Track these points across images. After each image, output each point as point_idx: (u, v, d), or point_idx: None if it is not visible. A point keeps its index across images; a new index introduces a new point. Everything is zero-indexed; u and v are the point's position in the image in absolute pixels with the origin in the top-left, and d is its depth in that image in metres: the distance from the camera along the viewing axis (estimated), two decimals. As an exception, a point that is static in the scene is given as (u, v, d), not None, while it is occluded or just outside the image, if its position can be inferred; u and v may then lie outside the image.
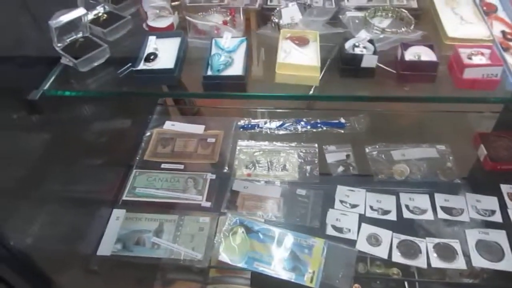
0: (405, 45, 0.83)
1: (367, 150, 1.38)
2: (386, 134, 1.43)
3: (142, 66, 0.86)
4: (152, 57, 0.87)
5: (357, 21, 0.99)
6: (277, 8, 1.02)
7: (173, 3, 1.07)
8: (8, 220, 0.87)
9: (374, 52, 0.82)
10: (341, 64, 0.83)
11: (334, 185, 1.29)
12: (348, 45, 0.84)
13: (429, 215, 1.19)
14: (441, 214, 1.18)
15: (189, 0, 1.12)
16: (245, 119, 1.52)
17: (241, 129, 1.49)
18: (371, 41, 0.85)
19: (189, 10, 1.09)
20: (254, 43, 0.96)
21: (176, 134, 1.48)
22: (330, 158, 1.36)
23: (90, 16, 1.00)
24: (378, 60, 0.82)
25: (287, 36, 0.90)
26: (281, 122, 1.48)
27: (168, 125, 1.51)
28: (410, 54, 0.82)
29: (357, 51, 0.82)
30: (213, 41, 0.91)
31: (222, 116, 1.58)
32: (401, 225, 1.17)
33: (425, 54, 0.81)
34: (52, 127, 1.03)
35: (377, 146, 1.38)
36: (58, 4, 0.96)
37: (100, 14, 1.01)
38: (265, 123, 1.49)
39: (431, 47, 0.82)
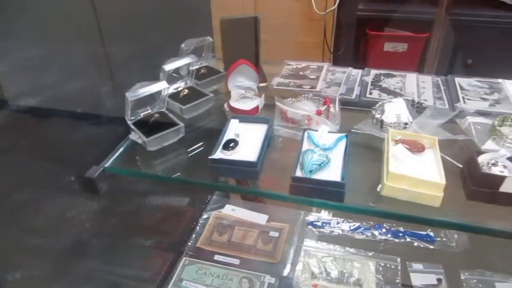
0: (561, 171, 0.63)
1: (462, 276, 1.12)
2: (487, 258, 1.17)
3: (219, 154, 0.72)
4: (232, 144, 0.74)
5: (479, 127, 0.81)
6: (380, 102, 0.88)
7: (260, 85, 0.97)
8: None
9: (519, 175, 0.63)
10: (471, 184, 0.64)
11: (421, 317, 1.03)
12: (481, 161, 0.66)
13: None
14: None
15: (276, 83, 1.02)
16: (314, 214, 1.33)
17: (309, 226, 1.29)
18: (511, 159, 0.66)
19: (276, 94, 0.98)
20: (351, 140, 0.81)
21: (236, 221, 1.32)
22: (417, 280, 1.11)
23: (170, 90, 0.92)
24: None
25: (397, 138, 0.74)
26: (356, 225, 1.27)
27: (228, 210, 1.36)
28: None
29: (495, 170, 0.64)
30: (306, 133, 0.76)
31: (287, 206, 1.41)
32: None
33: None
34: (100, 198, 0.92)
35: (476, 273, 1.12)
36: (143, 75, 0.90)
37: (180, 89, 0.92)
38: (338, 222, 1.29)
39: None
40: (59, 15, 0.81)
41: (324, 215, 1.32)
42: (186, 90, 0.92)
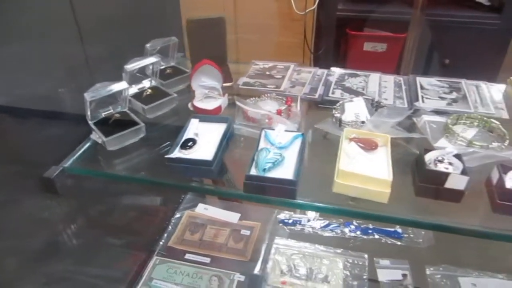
0: (504, 167, 0.65)
1: (428, 271, 1.15)
2: (452, 254, 1.20)
3: (176, 153, 0.73)
4: (190, 143, 0.75)
5: (434, 126, 0.84)
6: (340, 102, 0.89)
7: (224, 84, 0.98)
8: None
9: (464, 171, 0.65)
10: (418, 181, 0.66)
11: (386, 312, 1.05)
12: (428, 158, 0.68)
13: None
14: None
15: (242, 83, 1.03)
16: (287, 212, 1.35)
17: (281, 224, 1.31)
18: (458, 156, 0.68)
19: (241, 93, 0.99)
20: (310, 139, 0.82)
21: (208, 220, 1.33)
22: (383, 276, 1.14)
23: (134, 90, 0.92)
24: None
25: (351, 136, 0.76)
26: (326, 222, 1.29)
27: (201, 209, 1.37)
28: (511, 180, 0.64)
29: (441, 167, 0.66)
30: (263, 132, 0.78)
31: (260, 204, 1.42)
32: None
33: (532, 182, 0.63)
34: (68, 198, 0.92)
35: (440, 268, 1.15)
36: (110, 74, 0.90)
37: (144, 89, 0.93)
38: (308, 220, 1.31)
39: (539, 174, 0.64)
40: (22, 14, 0.80)
41: (296, 213, 1.34)
42: (150, 90, 0.92)
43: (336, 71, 1.09)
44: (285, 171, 0.69)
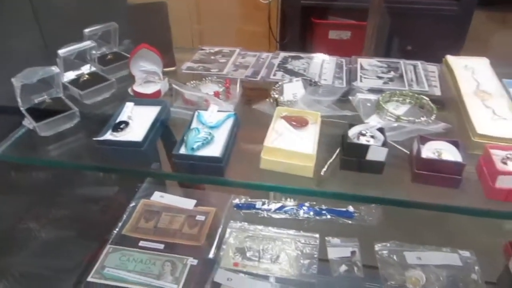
0: (423, 139, 0.68)
1: (376, 247, 1.18)
2: (401, 230, 1.23)
3: (107, 136, 0.73)
4: (122, 126, 0.75)
5: (368, 104, 0.86)
6: (279, 83, 0.91)
7: (166, 69, 0.98)
8: None
9: (384, 143, 0.67)
10: (342, 154, 0.68)
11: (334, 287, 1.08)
12: (352, 132, 0.70)
13: None
14: None
15: (186, 67, 1.03)
16: (242, 196, 1.36)
17: (235, 208, 1.32)
18: (381, 130, 0.70)
19: (183, 78, 0.99)
20: (246, 120, 0.83)
21: (164, 207, 1.33)
22: (333, 254, 1.16)
23: (71, 76, 0.91)
24: (389, 153, 0.67)
25: (282, 114, 0.77)
26: (280, 205, 1.31)
27: (157, 196, 1.37)
28: (429, 150, 0.66)
29: (363, 140, 0.68)
30: (196, 113, 0.78)
31: (218, 190, 1.43)
32: None
33: (448, 152, 0.66)
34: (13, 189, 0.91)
35: (388, 244, 1.18)
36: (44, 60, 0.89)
37: (81, 75, 0.92)
38: (263, 203, 1.32)
39: (455, 144, 0.67)
40: None
41: (251, 197, 1.35)
42: (87, 76, 0.91)
43: (281, 53, 1.10)
44: (214, 150, 0.70)
